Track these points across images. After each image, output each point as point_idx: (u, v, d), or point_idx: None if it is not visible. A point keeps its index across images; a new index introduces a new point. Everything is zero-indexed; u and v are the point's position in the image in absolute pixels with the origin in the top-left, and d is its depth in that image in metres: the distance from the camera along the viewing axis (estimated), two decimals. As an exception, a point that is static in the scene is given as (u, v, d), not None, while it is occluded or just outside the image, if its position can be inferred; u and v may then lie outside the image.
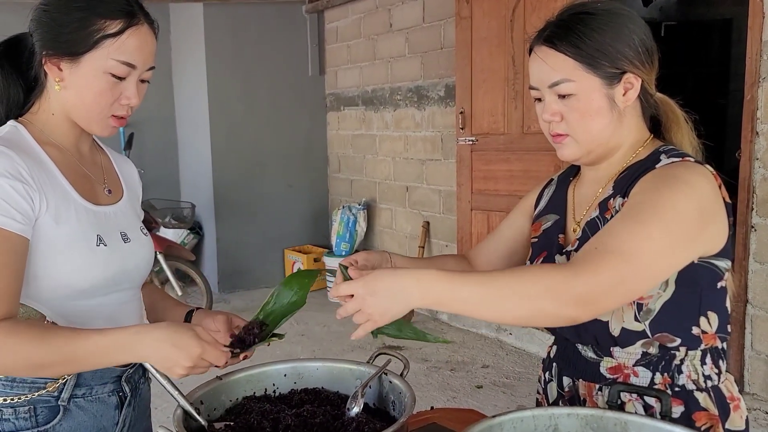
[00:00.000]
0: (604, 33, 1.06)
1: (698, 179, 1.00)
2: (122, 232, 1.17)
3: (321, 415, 1.13)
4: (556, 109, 1.09)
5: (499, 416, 0.98)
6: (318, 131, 5.88)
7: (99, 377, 1.11)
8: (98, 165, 1.24)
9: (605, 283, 0.91)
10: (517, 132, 3.74)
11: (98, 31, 1.06)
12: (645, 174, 1.05)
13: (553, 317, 0.93)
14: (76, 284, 1.08)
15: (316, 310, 5.07)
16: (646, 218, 0.96)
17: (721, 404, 1.07)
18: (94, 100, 1.09)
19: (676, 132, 1.16)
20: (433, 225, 4.71)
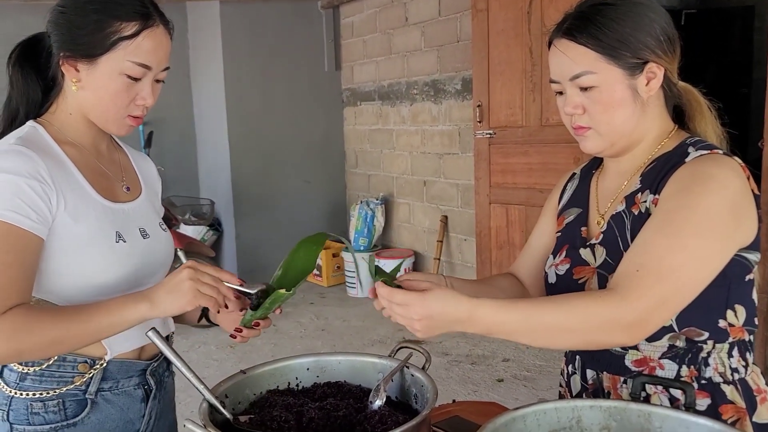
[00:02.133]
0: (624, 23, 1.05)
1: (728, 174, 1.00)
2: (141, 228, 1.19)
3: (344, 408, 1.13)
4: (578, 102, 1.08)
5: (521, 408, 0.98)
6: (335, 126, 5.89)
7: (125, 371, 1.14)
8: (116, 163, 1.26)
9: (651, 307, 0.94)
10: (535, 124, 3.72)
11: (114, 33, 1.08)
12: (675, 169, 1.04)
13: (604, 345, 0.99)
14: (97, 280, 1.10)
15: (336, 305, 5.10)
16: (679, 228, 0.96)
17: (748, 397, 1.06)
18: (110, 100, 1.11)
19: (700, 121, 1.14)
20: (451, 219, 4.71)
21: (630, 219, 1.08)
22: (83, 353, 1.09)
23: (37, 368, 1.08)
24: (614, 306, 0.94)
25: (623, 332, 0.94)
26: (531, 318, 0.96)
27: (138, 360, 1.17)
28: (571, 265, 1.16)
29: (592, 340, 0.96)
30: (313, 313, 4.92)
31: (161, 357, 1.21)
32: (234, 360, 3.97)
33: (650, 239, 0.99)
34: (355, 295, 5.25)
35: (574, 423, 1.00)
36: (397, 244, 5.33)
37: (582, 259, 1.14)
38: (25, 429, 1.06)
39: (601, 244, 1.11)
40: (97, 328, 1.02)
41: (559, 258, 1.20)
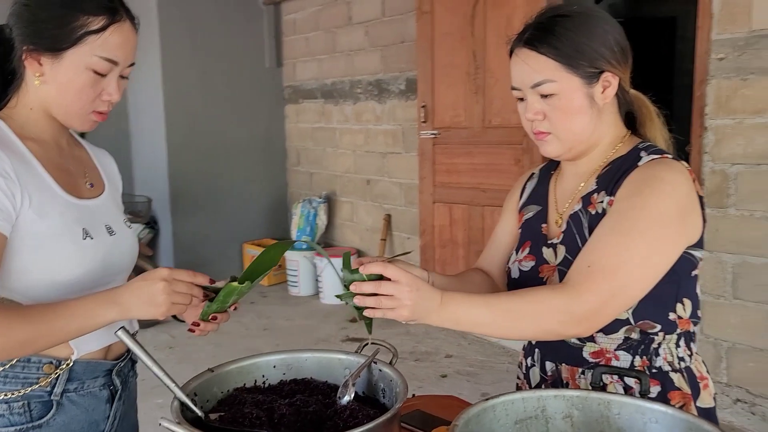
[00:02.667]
0: (581, 34, 1.10)
1: (676, 177, 1.07)
2: (107, 225, 1.18)
3: (313, 404, 1.15)
4: (539, 109, 1.13)
5: (491, 399, 1.02)
6: (276, 124, 5.85)
7: (90, 371, 1.11)
8: (78, 159, 1.23)
9: (600, 301, 1.01)
10: (478, 126, 3.81)
11: (81, 27, 1.06)
12: (628, 173, 1.11)
13: (559, 335, 1.06)
14: (63, 278, 1.08)
15: (279, 304, 5.07)
16: (629, 228, 1.03)
17: (693, 383, 1.14)
18: (75, 95, 1.09)
19: (650, 127, 1.22)
20: (394, 217, 4.76)
21: (587, 218, 1.15)
22: (48, 354, 1.07)
23: (0, 369, 1.04)
24: (566, 298, 1.01)
25: (576, 324, 1.02)
26: (493, 307, 1.02)
27: (104, 360, 1.15)
28: (536, 263, 1.22)
29: (547, 329, 1.03)
30: (255, 312, 4.87)
31: (127, 357, 1.19)
32: (174, 361, 3.89)
33: (602, 238, 1.06)
34: (297, 294, 5.23)
35: (539, 412, 1.05)
36: (340, 242, 5.34)
37: (544, 258, 1.20)
38: (-12, 433, 1.03)
39: (562, 243, 1.17)
40: (66, 329, 1.00)
41: (522, 254, 1.25)
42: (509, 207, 1.39)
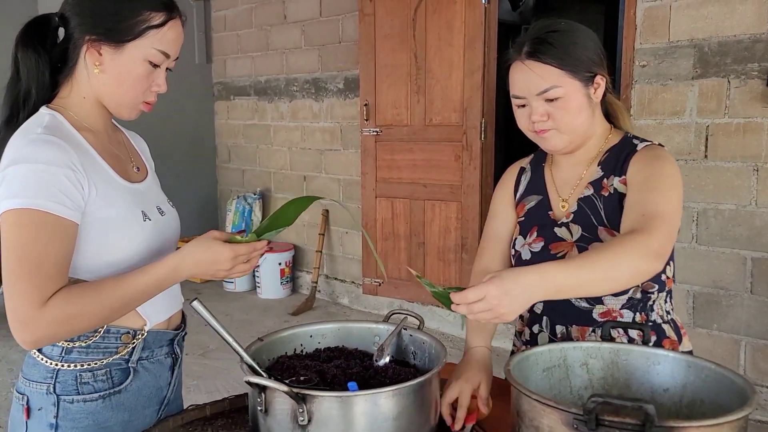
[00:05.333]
0: (576, 45, 1.29)
1: (671, 156, 1.30)
2: (158, 206, 1.25)
3: (354, 367, 1.27)
4: (544, 111, 1.29)
5: (526, 351, 1.19)
6: (206, 120, 5.79)
7: (158, 341, 1.18)
8: (123, 144, 1.29)
9: (666, 238, 1.15)
10: (419, 124, 4.01)
11: (144, 21, 1.12)
12: (631, 155, 1.31)
13: (645, 273, 1.12)
14: (129, 259, 1.14)
15: (215, 300, 5.04)
16: (658, 187, 1.22)
17: (677, 332, 1.37)
18: (131, 85, 1.15)
19: (623, 121, 1.43)
20: (332, 213, 4.87)
21: (601, 200, 1.33)
22: (125, 325, 1.13)
23: (83, 342, 1.10)
24: (641, 237, 1.12)
25: (654, 258, 1.10)
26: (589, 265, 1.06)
27: (167, 330, 1.22)
28: (545, 242, 1.37)
29: (640, 267, 1.09)
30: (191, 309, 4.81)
31: (183, 327, 1.27)
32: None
33: (641, 198, 1.23)
34: (232, 290, 5.22)
35: (561, 361, 1.22)
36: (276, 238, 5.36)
37: (557, 237, 1.36)
38: (74, 399, 1.07)
39: (574, 222, 1.34)
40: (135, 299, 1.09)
41: (531, 237, 1.40)
42: (503, 201, 1.50)
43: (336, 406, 1.05)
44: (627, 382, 1.21)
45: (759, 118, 2.87)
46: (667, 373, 1.18)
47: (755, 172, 2.91)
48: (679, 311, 3.17)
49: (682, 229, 3.13)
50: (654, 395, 1.19)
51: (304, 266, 5.15)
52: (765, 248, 2.92)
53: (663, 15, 3.08)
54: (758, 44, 2.84)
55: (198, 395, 3.25)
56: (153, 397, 1.19)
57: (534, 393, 0.98)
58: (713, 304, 3.08)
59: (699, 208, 3.08)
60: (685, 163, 3.09)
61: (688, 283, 3.14)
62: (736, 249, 3.00)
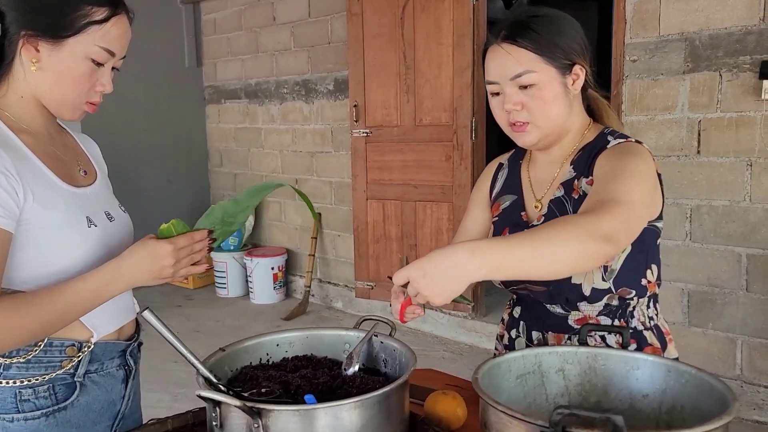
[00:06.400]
0: (555, 30, 1.22)
1: (644, 153, 1.21)
2: (106, 211, 1.19)
3: (321, 376, 1.22)
4: (518, 99, 1.22)
5: (498, 357, 1.13)
6: (197, 124, 5.75)
7: (108, 352, 1.13)
8: (68, 147, 1.23)
9: (618, 221, 1.02)
10: (409, 124, 3.95)
11: (85, 16, 1.07)
12: (599, 154, 1.23)
13: (593, 256, 0.99)
14: (69, 267, 1.08)
15: (206, 306, 4.99)
16: (625, 176, 1.13)
17: (661, 339, 1.30)
18: (72, 84, 1.10)
19: (608, 118, 1.35)
20: (325, 216, 4.82)
21: (571, 203, 1.26)
22: (69, 337, 1.07)
23: (22, 357, 1.04)
24: (590, 218, 1.00)
25: (604, 241, 0.97)
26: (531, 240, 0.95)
27: (118, 341, 1.16)
28: None
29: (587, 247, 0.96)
30: (183, 315, 4.78)
31: (137, 337, 1.21)
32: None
33: (602, 187, 1.13)
34: (225, 296, 5.17)
35: (536, 367, 1.17)
36: (268, 242, 5.33)
37: None
38: (13, 418, 1.02)
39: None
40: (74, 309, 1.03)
41: None
42: (479, 199, 1.44)
43: (294, 420, 0.99)
44: (605, 388, 1.16)
45: (752, 111, 2.81)
46: (646, 379, 1.12)
47: (748, 167, 2.84)
48: (673, 310, 3.10)
49: (675, 227, 3.07)
50: (633, 401, 1.13)
51: (297, 270, 5.09)
52: (760, 245, 2.85)
53: (653, 8, 3.03)
54: (749, 36, 2.78)
55: (185, 404, 3.20)
56: (105, 413, 1.13)
57: (500, 404, 0.92)
58: (708, 302, 3.02)
59: (692, 204, 3.02)
60: (678, 159, 3.03)
61: (683, 281, 3.08)
62: (730, 246, 2.94)
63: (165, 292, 5.34)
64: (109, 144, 5.32)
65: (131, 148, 5.31)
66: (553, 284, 1.24)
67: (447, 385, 1.47)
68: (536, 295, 1.30)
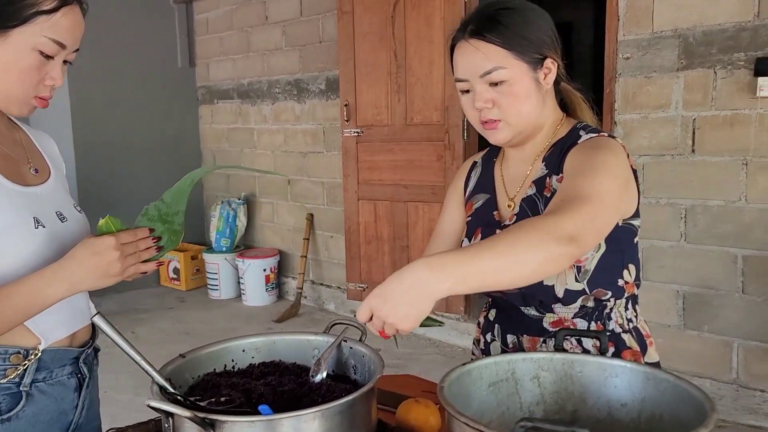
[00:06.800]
0: (524, 24, 1.16)
1: (615, 148, 1.15)
2: (58, 211, 1.13)
3: (287, 383, 1.16)
4: (489, 97, 1.16)
5: (468, 364, 1.07)
6: (190, 125, 5.70)
7: (58, 360, 1.07)
8: (18, 143, 1.18)
9: (583, 219, 0.97)
10: (400, 123, 3.90)
11: (32, 6, 1.02)
12: (571, 149, 1.18)
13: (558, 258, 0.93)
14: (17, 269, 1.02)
15: (198, 308, 4.94)
16: (593, 171, 1.07)
17: (641, 342, 1.25)
18: (18, 77, 1.04)
19: (581, 112, 1.30)
20: (317, 217, 4.76)
21: (543, 201, 1.21)
22: (14, 344, 1.02)
23: None
24: (552, 219, 0.95)
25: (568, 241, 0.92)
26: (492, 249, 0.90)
27: (71, 347, 1.11)
28: None
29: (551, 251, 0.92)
30: (174, 317, 4.72)
31: (91, 344, 1.16)
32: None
33: (569, 184, 1.08)
34: (217, 298, 5.11)
35: (509, 375, 1.11)
36: (260, 243, 5.28)
37: None
38: (-47, 429, 0.97)
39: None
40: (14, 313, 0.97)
41: (476, 240, 1.29)
42: (453, 198, 1.40)
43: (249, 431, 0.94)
44: (582, 396, 1.10)
45: (747, 109, 2.75)
46: (624, 386, 1.07)
47: (744, 166, 2.79)
48: (668, 313, 3.05)
49: (669, 227, 3.01)
50: (611, 410, 1.07)
51: (289, 272, 5.04)
52: (755, 245, 2.80)
53: (646, 5, 2.97)
54: (744, 32, 2.72)
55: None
56: (55, 423, 1.07)
57: (462, 415, 0.86)
58: (703, 304, 2.96)
59: (687, 204, 2.96)
60: (672, 158, 2.98)
61: (677, 283, 3.02)
62: (725, 247, 2.88)
63: (157, 295, 5.29)
64: (101, 144, 5.32)
65: (123, 148, 5.26)
66: (525, 286, 1.20)
67: (424, 392, 1.42)
68: (510, 298, 1.25)
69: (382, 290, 0.89)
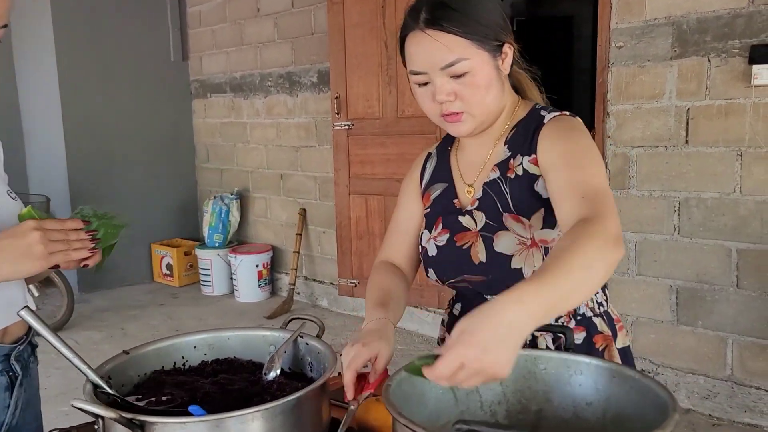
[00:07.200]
0: (479, 8, 1.10)
1: (583, 126, 1.13)
2: None
3: (238, 381, 1.10)
4: (450, 89, 1.09)
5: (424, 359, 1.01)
6: (183, 119, 5.64)
7: None
8: None
9: (614, 216, 0.96)
10: (392, 116, 3.83)
11: None
12: (538, 131, 1.13)
13: (613, 264, 0.91)
14: None
15: (190, 305, 4.89)
16: (581, 162, 1.05)
17: (611, 326, 1.20)
18: None
19: (530, 90, 1.25)
20: (309, 212, 4.70)
21: (507, 183, 1.16)
22: None
23: None
24: (597, 226, 0.92)
25: (617, 246, 0.91)
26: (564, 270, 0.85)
27: (1, 344, 1.05)
28: (450, 233, 1.20)
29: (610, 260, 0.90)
30: (165, 314, 4.68)
31: (26, 340, 1.10)
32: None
33: (568, 176, 1.05)
34: (210, 294, 5.06)
35: (468, 373, 1.05)
36: (253, 239, 5.22)
37: (463, 226, 1.19)
38: None
39: (478, 209, 1.17)
40: None
41: (436, 231, 1.23)
42: (409, 191, 1.33)
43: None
44: (547, 395, 1.04)
45: (741, 98, 2.67)
46: (589, 384, 1.00)
47: (739, 157, 2.71)
48: (662, 308, 2.97)
49: (663, 220, 2.93)
50: (576, 410, 1.01)
51: (282, 268, 4.98)
52: (751, 239, 2.72)
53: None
54: (738, 20, 2.64)
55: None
56: (-18, 424, 1.02)
57: (402, 416, 0.80)
58: (697, 299, 2.88)
59: (680, 197, 2.89)
60: (666, 150, 2.90)
61: (671, 277, 2.94)
62: (720, 240, 2.80)
63: (150, 291, 5.25)
64: (93, 140, 5.27)
65: (116, 143, 5.21)
66: (492, 272, 1.15)
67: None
68: (476, 286, 1.19)
69: (475, 339, 0.77)
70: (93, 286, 5.12)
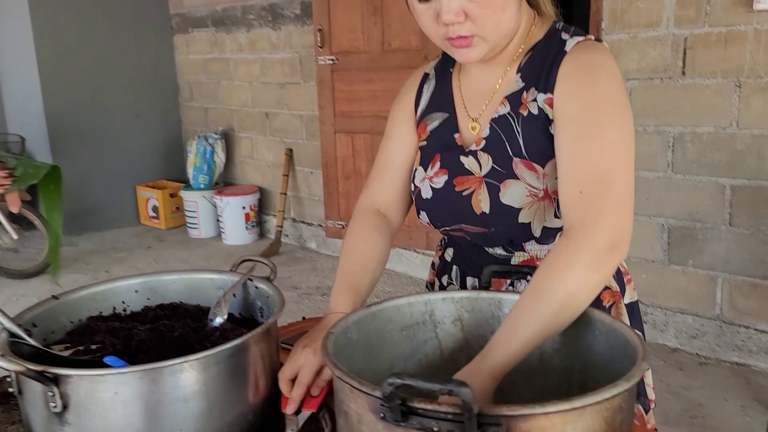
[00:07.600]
0: None
1: (610, 59, 0.96)
2: None
3: (179, 328, 1.01)
4: (459, 8, 0.92)
5: (373, 306, 0.92)
6: (165, 56, 5.43)
7: None
8: None
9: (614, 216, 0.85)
10: (377, 50, 3.66)
11: None
12: (558, 64, 0.97)
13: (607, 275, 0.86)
14: None
15: (177, 247, 4.82)
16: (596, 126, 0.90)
17: (619, 280, 1.09)
18: None
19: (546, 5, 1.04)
20: (296, 152, 4.57)
21: (519, 121, 1.00)
22: None
23: None
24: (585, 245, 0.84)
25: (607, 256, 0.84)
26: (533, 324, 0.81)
27: None
28: (449, 175, 1.06)
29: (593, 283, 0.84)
30: (152, 257, 4.61)
31: None
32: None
33: (575, 149, 0.91)
34: (197, 236, 4.99)
35: (427, 317, 0.96)
36: (240, 180, 5.11)
37: (465, 169, 1.04)
38: None
39: (485, 150, 1.03)
40: None
41: (433, 170, 1.08)
42: (401, 118, 1.15)
43: (100, 388, 0.79)
44: (511, 342, 0.95)
45: (742, 25, 2.51)
46: (556, 330, 0.92)
47: (737, 88, 2.57)
48: (653, 247, 2.89)
49: (656, 157, 2.82)
50: (543, 356, 0.93)
51: (270, 209, 4.89)
52: (746, 174, 2.61)
53: None
54: (744, -61, 2.46)
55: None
56: None
57: (338, 367, 0.71)
58: (689, 238, 2.80)
59: (675, 132, 2.76)
60: (661, 82, 2.75)
61: (663, 216, 2.85)
62: (714, 177, 2.69)
63: (137, 234, 5.17)
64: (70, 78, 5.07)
65: (94, 81, 5.03)
66: (495, 225, 1.02)
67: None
68: (474, 238, 1.07)
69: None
70: (80, 228, 5.04)
